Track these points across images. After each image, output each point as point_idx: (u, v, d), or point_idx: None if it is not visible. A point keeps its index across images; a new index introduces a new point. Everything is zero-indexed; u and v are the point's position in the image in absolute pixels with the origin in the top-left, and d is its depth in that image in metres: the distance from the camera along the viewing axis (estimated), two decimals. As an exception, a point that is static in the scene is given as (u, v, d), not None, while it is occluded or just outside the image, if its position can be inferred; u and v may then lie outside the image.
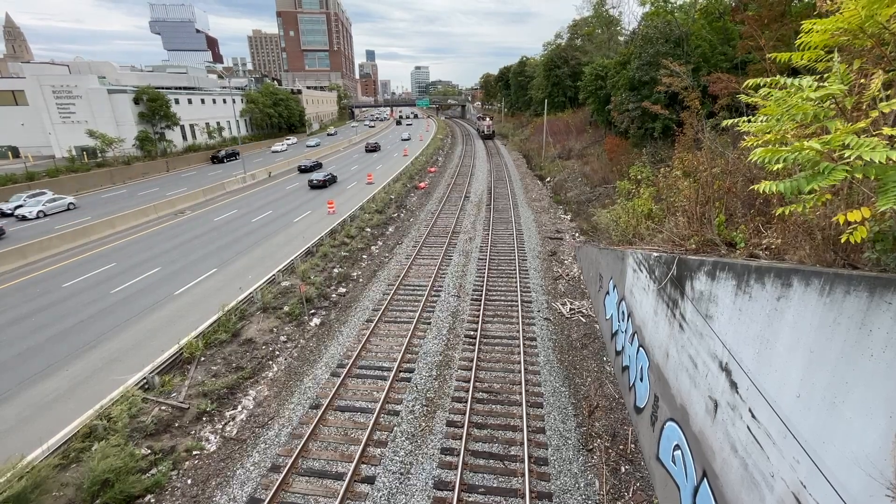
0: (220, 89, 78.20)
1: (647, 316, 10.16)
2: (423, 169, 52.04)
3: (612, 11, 57.26)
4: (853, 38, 4.20)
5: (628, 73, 32.36)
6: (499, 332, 15.81)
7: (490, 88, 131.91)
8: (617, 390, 12.57)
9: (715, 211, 8.95)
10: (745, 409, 5.79)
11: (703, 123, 16.67)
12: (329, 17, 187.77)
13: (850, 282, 4.07)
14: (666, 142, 27.65)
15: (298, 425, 11.56)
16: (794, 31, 5.34)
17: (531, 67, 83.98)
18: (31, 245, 24.09)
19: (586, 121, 51.83)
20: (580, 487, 9.55)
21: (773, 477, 5.15)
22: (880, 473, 3.66)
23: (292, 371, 14.07)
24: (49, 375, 13.58)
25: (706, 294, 7.11)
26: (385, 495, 9.41)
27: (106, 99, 54.17)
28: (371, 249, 25.47)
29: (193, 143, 65.79)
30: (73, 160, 48.61)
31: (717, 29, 31.00)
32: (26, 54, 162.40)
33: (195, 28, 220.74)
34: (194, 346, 14.46)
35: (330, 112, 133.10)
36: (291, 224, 29.96)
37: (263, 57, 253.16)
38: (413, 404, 12.20)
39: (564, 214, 31.23)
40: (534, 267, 21.66)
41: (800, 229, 5.70)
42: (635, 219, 16.66)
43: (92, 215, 32.12)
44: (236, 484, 9.82)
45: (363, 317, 17.24)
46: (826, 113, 4.12)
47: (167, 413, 11.96)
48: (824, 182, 3.63)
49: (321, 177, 42.04)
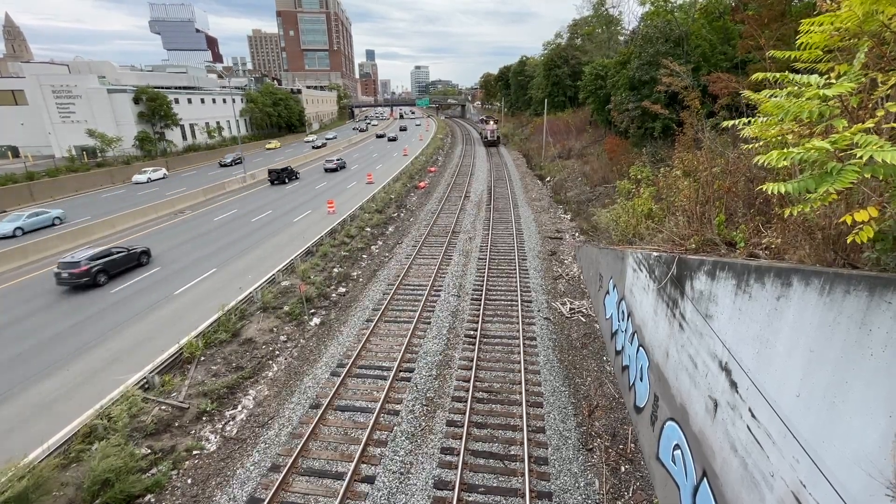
0: (220, 89, 78.31)
1: (647, 315, 10.16)
2: (423, 168, 52.04)
3: (612, 11, 57.31)
4: (853, 38, 4.19)
5: (628, 72, 32.37)
6: (499, 331, 15.82)
7: (490, 88, 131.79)
8: (617, 390, 12.58)
9: (715, 210, 8.95)
10: (745, 409, 5.79)
11: (703, 123, 16.67)
12: (329, 16, 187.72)
13: (850, 281, 4.07)
14: (666, 141, 27.66)
15: (298, 425, 11.56)
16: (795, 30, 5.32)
17: (531, 67, 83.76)
18: (31, 245, 24.10)
19: (586, 120, 51.83)
20: (580, 487, 9.55)
21: (773, 476, 5.15)
22: (880, 473, 3.66)
23: (292, 371, 14.07)
24: (49, 375, 13.58)
25: (706, 294, 7.11)
26: (385, 495, 9.42)
27: (105, 99, 54.19)
28: (371, 249, 25.47)
29: (193, 143, 65.84)
30: (72, 160, 48.63)
31: (717, 28, 31.00)
32: (26, 54, 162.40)
33: (195, 28, 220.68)
34: (194, 346, 14.46)
35: (330, 112, 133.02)
36: (291, 224, 29.96)
37: (263, 57, 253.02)
38: (413, 404, 12.20)
39: (564, 214, 31.22)
40: (534, 266, 21.66)
41: (800, 229, 5.70)
42: (635, 218, 16.65)
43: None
44: (236, 483, 9.82)
45: (363, 316, 17.24)
46: (831, 111, 4.11)
47: (167, 413, 11.96)
48: (837, 184, 3.57)
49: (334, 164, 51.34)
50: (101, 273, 19.84)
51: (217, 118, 72.91)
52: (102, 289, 19.70)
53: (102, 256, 20.18)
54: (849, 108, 4.15)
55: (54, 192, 40.00)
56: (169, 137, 60.70)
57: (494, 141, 71.09)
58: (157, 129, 58.86)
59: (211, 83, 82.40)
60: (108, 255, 20.51)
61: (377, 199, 35.01)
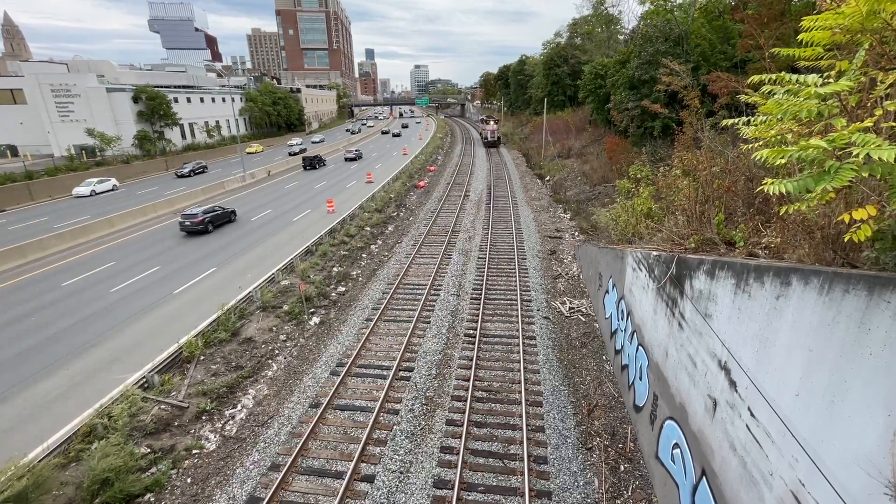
0: (220, 88, 78.14)
1: (647, 315, 10.16)
2: (423, 168, 52.01)
3: (612, 10, 57.20)
4: (854, 36, 4.19)
5: (628, 71, 32.35)
6: (498, 330, 15.82)
7: (490, 87, 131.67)
8: (616, 389, 12.59)
9: (714, 210, 8.95)
10: (744, 408, 5.80)
11: (702, 122, 16.65)
12: (328, 15, 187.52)
13: (849, 281, 4.07)
14: (665, 141, 27.65)
15: (298, 424, 11.56)
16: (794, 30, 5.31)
17: (531, 66, 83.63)
18: (31, 244, 24.07)
19: (586, 120, 51.78)
20: (579, 486, 9.56)
21: (772, 475, 5.16)
22: (879, 472, 3.66)
23: (292, 370, 14.07)
24: (49, 375, 13.57)
25: (705, 293, 7.11)
26: (385, 494, 9.42)
27: (105, 98, 54.10)
28: (370, 248, 25.46)
29: (193, 143, 65.73)
30: (71, 159, 48.53)
31: (717, 28, 30.99)
32: (25, 53, 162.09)
33: (194, 26, 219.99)
34: (194, 346, 14.45)
35: (329, 111, 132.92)
36: (291, 223, 29.94)
37: (262, 56, 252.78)
38: (412, 403, 12.20)
39: (564, 213, 31.23)
40: (533, 266, 21.66)
41: (799, 228, 5.70)
42: (635, 218, 16.63)
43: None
44: (236, 483, 9.82)
45: (363, 316, 17.23)
46: (830, 110, 4.10)
47: (167, 412, 11.96)
48: (834, 182, 3.58)
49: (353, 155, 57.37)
50: (209, 224, 27.83)
51: (216, 117, 72.82)
52: (102, 288, 19.78)
53: (210, 212, 28.17)
54: (848, 107, 4.15)
55: (52, 191, 39.92)
56: (168, 136, 60.60)
57: (495, 142, 68.66)
58: (157, 129, 58.77)
59: (210, 82, 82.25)
60: (213, 212, 28.42)
61: (377, 199, 34.99)
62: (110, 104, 54.48)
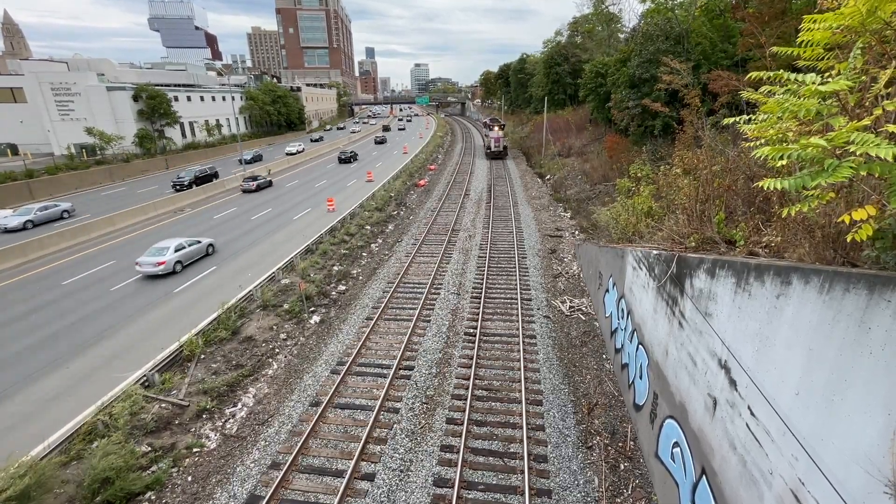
0: (220, 87, 78.05)
1: (647, 313, 10.17)
2: (423, 166, 51.97)
3: (613, 8, 56.91)
4: (855, 35, 4.18)
5: (628, 70, 32.28)
6: (498, 329, 15.83)
7: (490, 86, 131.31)
8: (616, 388, 12.60)
9: (715, 209, 8.94)
10: (744, 407, 5.81)
11: (703, 121, 16.65)
12: (328, 14, 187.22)
13: (850, 280, 4.07)
14: (666, 139, 27.64)
15: (298, 423, 11.58)
16: (795, 28, 5.31)
17: (531, 65, 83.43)
18: (31, 243, 24.09)
19: (586, 118, 51.70)
20: (579, 484, 9.58)
21: (772, 474, 5.16)
22: (878, 471, 3.67)
23: (292, 369, 14.08)
24: (50, 373, 13.60)
25: (705, 292, 7.11)
26: (385, 492, 9.44)
27: (105, 96, 54.05)
28: (371, 247, 25.47)
29: (193, 141, 65.69)
30: (72, 158, 48.48)
31: (718, 26, 30.92)
32: (25, 51, 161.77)
33: (194, 25, 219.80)
34: (194, 344, 14.47)
35: (329, 109, 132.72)
36: (291, 221, 29.94)
37: (263, 54, 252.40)
38: (413, 402, 12.22)
39: (564, 212, 31.21)
40: (533, 265, 21.66)
41: (799, 227, 5.70)
42: (635, 217, 16.64)
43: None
44: (236, 481, 9.85)
45: (363, 314, 17.24)
46: (829, 109, 4.10)
47: (167, 410, 11.98)
48: (830, 179, 3.59)
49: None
50: (259, 188, 40.22)
51: (217, 116, 72.74)
52: (102, 286, 19.78)
53: (256, 179, 40.56)
54: (847, 106, 4.14)
55: (53, 189, 39.93)
56: (168, 135, 60.57)
57: (500, 152, 53.03)
58: (157, 127, 58.74)
59: (210, 81, 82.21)
60: (258, 178, 40.99)
61: (377, 197, 34.98)
62: (110, 103, 54.44)
